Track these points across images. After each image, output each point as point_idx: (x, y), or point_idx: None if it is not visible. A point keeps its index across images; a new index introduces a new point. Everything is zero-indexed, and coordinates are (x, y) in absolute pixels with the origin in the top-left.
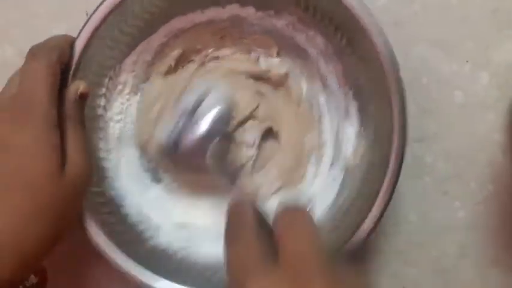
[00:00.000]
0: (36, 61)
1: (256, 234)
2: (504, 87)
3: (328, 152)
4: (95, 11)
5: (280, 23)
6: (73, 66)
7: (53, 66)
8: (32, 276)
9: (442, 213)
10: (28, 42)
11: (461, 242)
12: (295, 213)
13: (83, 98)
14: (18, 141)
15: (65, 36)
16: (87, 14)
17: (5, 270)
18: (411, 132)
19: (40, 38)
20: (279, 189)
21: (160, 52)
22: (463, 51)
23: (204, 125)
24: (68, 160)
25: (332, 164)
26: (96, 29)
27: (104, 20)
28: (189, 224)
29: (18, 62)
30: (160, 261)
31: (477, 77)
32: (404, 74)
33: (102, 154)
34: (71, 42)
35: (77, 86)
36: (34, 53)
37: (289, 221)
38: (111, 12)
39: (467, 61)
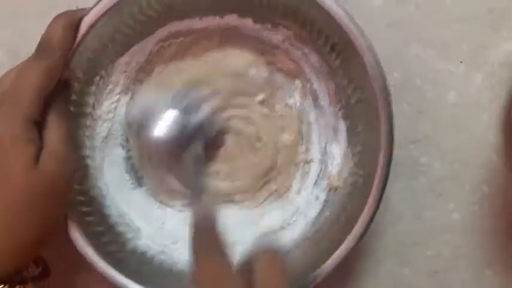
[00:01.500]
0: (35, 62)
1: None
2: (498, 88)
3: (313, 169)
4: (94, 5)
5: (276, 37)
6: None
7: (50, 70)
8: (34, 266)
9: (437, 214)
10: (17, 42)
11: (456, 243)
12: (274, 256)
13: (65, 85)
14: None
15: (71, 21)
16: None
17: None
18: (406, 133)
19: (29, 38)
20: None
21: (155, 54)
22: (458, 52)
23: (197, 118)
24: (44, 154)
25: (315, 183)
26: (92, 25)
27: (101, 16)
28: (169, 228)
29: (7, 62)
30: (138, 264)
31: (471, 77)
32: (398, 75)
33: (87, 152)
34: (78, 23)
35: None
36: (39, 51)
37: (269, 261)
38: (109, 9)
39: (461, 62)
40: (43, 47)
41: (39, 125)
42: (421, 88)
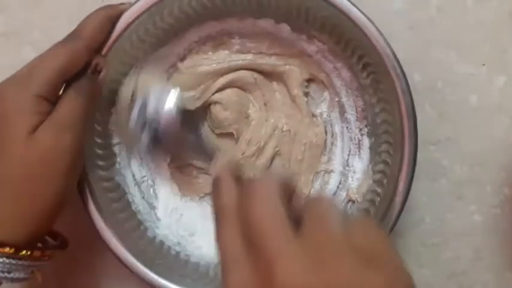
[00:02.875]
0: (59, 46)
1: None
2: None
3: (333, 180)
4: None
5: (310, 48)
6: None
7: (71, 55)
8: (51, 240)
9: (458, 216)
10: (48, 42)
11: (477, 246)
12: (323, 200)
13: (94, 70)
14: (7, 106)
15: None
16: None
17: (7, 232)
18: (426, 135)
19: (59, 39)
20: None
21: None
22: (479, 55)
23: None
24: (44, 123)
25: (334, 194)
26: (132, 21)
27: (142, 12)
28: (187, 221)
29: None
30: (156, 253)
31: (493, 80)
32: (419, 77)
33: (114, 140)
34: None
35: (91, 60)
36: (67, 37)
37: (317, 203)
38: (151, 6)
39: (483, 64)
40: (72, 34)
41: (53, 103)
42: (442, 91)
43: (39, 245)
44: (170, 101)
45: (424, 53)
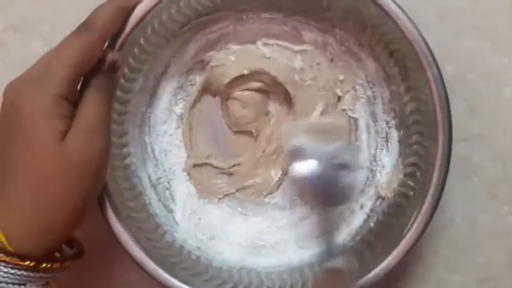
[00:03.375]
0: (72, 39)
1: None
2: None
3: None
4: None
5: (331, 38)
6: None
7: (86, 48)
8: (67, 248)
9: (490, 217)
10: (57, 35)
11: (510, 249)
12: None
13: (112, 68)
14: (27, 108)
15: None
16: None
17: (29, 244)
18: (457, 130)
19: (69, 31)
20: None
21: (205, 46)
22: None
23: None
24: (73, 129)
25: (362, 190)
26: (148, 11)
27: (157, 4)
28: (205, 225)
29: None
30: (174, 257)
31: None
32: (450, 69)
33: (128, 138)
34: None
35: (105, 55)
36: (79, 29)
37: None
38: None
39: None
40: (84, 26)
41: (72, 102)
42: (474, 83)
43: (57, 254)
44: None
45: (455, 43)
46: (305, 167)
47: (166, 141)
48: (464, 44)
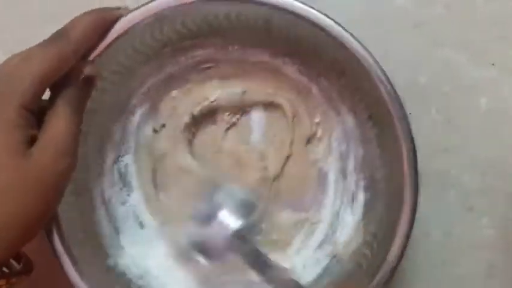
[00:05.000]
0: (42, 48)
1: None
2: None
3: (319, 232)
4: (136, 8)
5: (315, 87)
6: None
7: (56, 60)
8: (14, 263)
9: (468, 230)
10: (19, 45)
11: (489, 262)
12: None
13: (87, 82)
14: None
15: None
16: None
17: None
18: (433, 143)
19: (32, 41)
20: None
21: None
22: (490, 55)
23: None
24: (40, 143)
25: (319, 246)
26: (129, 29)
27: (141, 21)
28: (151, 251)
29: None
30: (116, 284)
31: (504, 82)
32: (425, 80)
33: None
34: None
35: (82, 68)
36: (52, 38)
37: None
38: (152, 16)
39: (493, 65)
40: (58, 36)
41: (35, 112)
42: (450, 94)
43: (5, 269)
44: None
45: (430, 54)
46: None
47: None
48: (440, 54)
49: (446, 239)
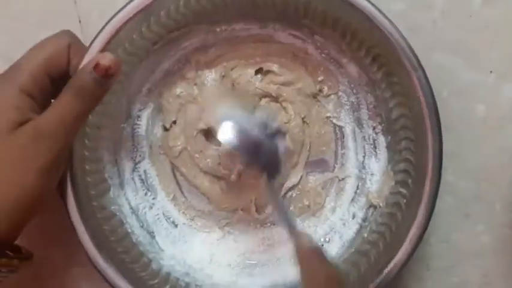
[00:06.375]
0: (51, 38)
1: None
2: None
3: (349, 186)
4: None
5: (311, 46)
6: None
7: (63, 46)
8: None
9: (464, 237)
10: (14, 49)
11: (485, 269)
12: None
13: (105, 74)
14: None
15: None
16: (80, 22)
17: None
18: None
19: (27, 46)
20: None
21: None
22: (487, 61)
23: None
24: (28, 125)
25: (352, 200)
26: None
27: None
28: (192, 249)
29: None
30: (164, 286)
31: (502, 88)
32: None
33: (105, 163)
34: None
35: (98, 57)
36: (61, 32)
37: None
38: (140, 11)
39: (491, 71)
40: (65, 32)
41: (37, 100)
42: (447, 100)
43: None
44: None
45: (426, 59)
46: (231, 130)
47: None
48: (436, 59)
49: (443, 246)
